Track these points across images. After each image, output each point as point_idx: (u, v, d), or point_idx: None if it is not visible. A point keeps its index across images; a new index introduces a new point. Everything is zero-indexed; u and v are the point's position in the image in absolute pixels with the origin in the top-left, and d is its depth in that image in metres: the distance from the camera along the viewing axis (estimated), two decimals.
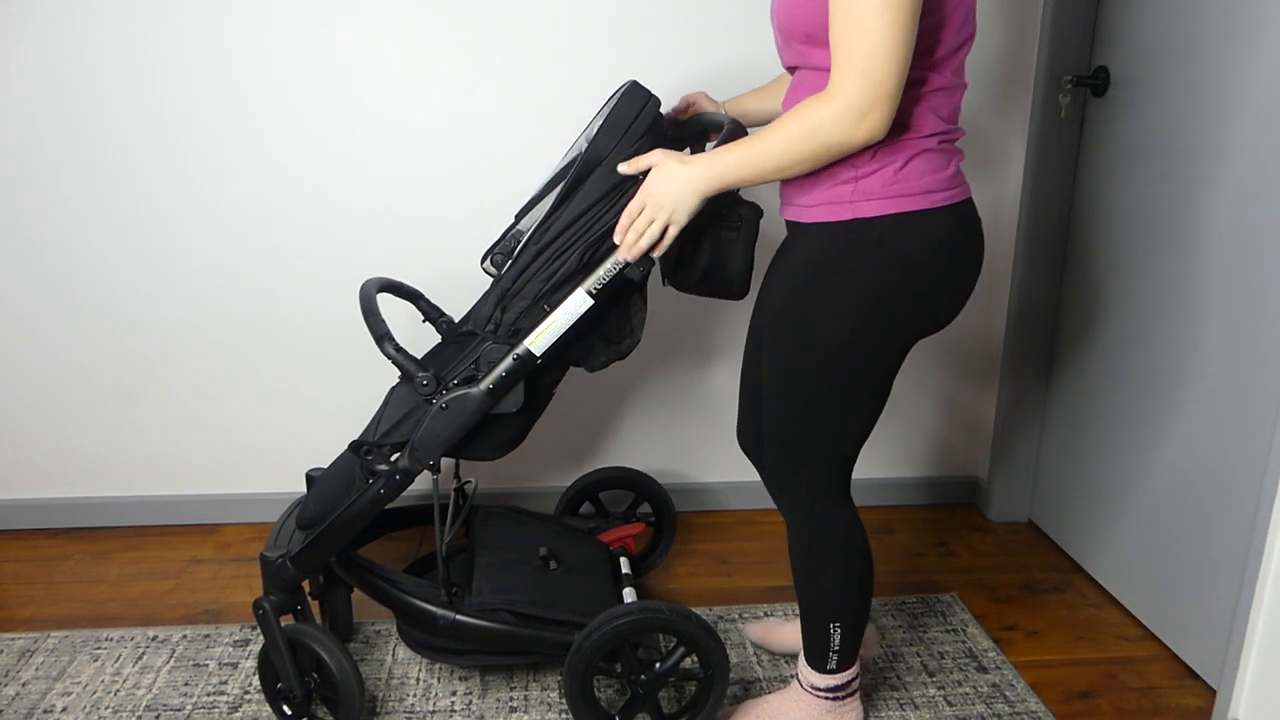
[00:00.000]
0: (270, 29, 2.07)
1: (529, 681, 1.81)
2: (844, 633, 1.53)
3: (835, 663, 1.56)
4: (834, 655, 1.55)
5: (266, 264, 2.22)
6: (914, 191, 1.30)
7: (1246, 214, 1.70)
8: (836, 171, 1.31)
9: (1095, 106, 2.13)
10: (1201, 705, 1.78)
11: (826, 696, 1.59)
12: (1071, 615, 2.06)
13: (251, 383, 2.31)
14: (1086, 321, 2.18)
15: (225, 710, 1.72)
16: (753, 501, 2.50)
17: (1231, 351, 1.74)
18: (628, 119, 1.45)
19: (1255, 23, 1.67)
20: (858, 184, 1.30)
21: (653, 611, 1.53)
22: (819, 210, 1.35)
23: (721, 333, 2.37)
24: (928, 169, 1.31)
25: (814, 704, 1.60)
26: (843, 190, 1.31)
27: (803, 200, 1.38)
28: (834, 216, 1.33)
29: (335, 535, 1.59)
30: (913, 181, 1.30)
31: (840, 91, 1.20)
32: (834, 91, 1.21)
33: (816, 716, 1.60)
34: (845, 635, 1.54)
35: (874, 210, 1.30)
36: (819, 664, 1.57)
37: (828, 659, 1.56)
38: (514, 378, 1.51)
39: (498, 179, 2.20)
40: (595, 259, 1.47)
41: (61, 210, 2.15)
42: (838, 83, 1.21)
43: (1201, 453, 1.82)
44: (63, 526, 2.37)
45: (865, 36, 1.17)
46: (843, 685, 1.59)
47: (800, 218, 1.39)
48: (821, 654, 1.56)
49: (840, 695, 1.60)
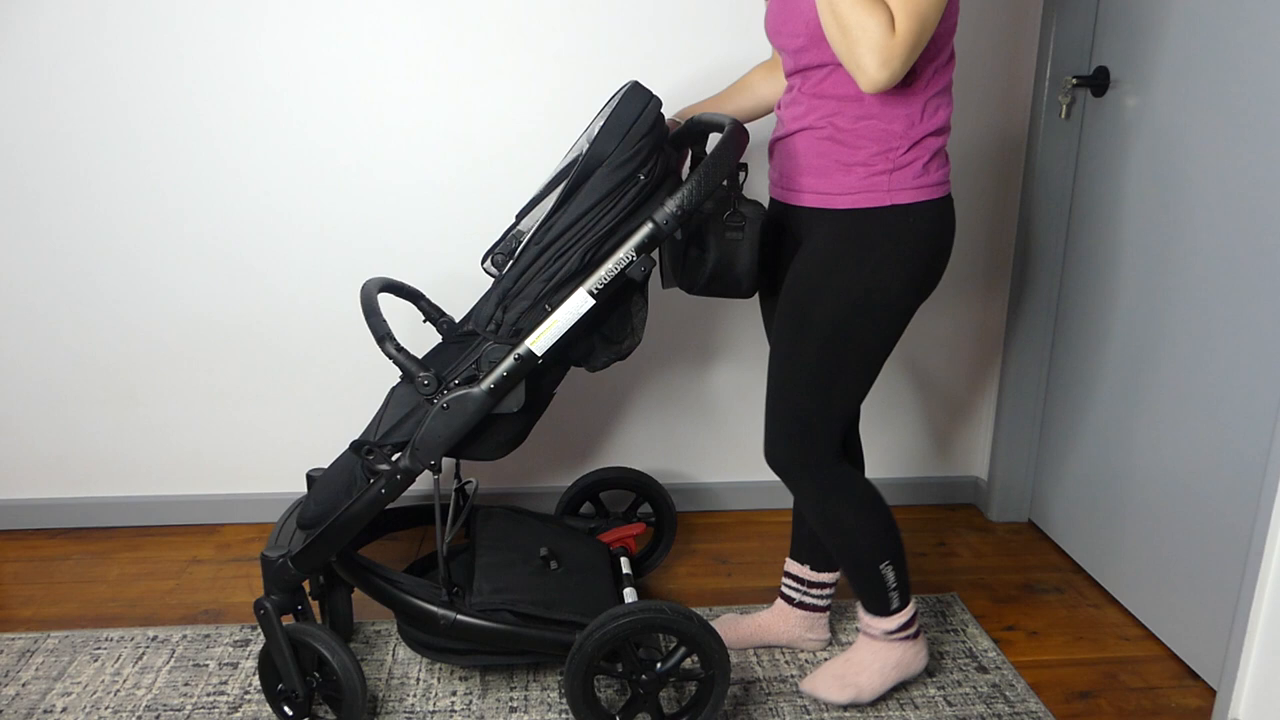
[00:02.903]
0: (272, 31, 2.07)
1: (529, 681, 1.81)
2: (895, 568, 1.66)
3: (897, 600, 1.69)
4: (894, 593, 1.68)
5: (267, 264, 2.22)
6: (934, 183, 1.51)
7: (1246, 214, 1.70)
8: (872, 163, 1.48)
9: (1095, 106, 2.13)
10: (1201, 705, 1.78)
11: (899, 637, 1.71)
12: (1071, 615, 2.06)
13: (252, 383, 2.31)
14: (1086, 322, 2.18)
15: (225, 710, 1.72)
16: (753, 502, 2.50)
17: (1231, 351, 1.74)
18: (629, 119, 1.45)
19: (1255, 22, 1.67)
20: (892, 175, 1.48)
21: (654, 611, 1.53)
22: (855, 198, 1.50)
23: (722, 333, 2.37)
24: (940, 164, 1.52)
25: (890, 648, 1.72)
26: (879, 180, 1.48)
27: (829, 188, 1.51)
28: (871, 203, 1.49)
29: (336, 535, 1.59)
30: (934, 174, 1.50)
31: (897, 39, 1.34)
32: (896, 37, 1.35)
33: (896, 659, 1.72)
34: (897, 569, 1.66)
35: (908, 198, 1.49)
36: (882, 608, 1.69)
37: (889, 599, 1.68)
38: (515, 378, 1.51)
39: (498, 179, 2.20)
40: (597, 259, 1.47)
41: (62, 210, 2.15)
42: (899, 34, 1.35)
43: (1201, 453, 1.82)
44: (63, 526, 2.37)
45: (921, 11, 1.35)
46: (909, 621, 1.72)
47: (829, 205, 1.52)
48: (881, 597, 1.68)
49: (909, 633, 1.72)
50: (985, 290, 2.40)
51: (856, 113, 1.47)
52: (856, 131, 1.47)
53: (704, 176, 1.44)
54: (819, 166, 1.52)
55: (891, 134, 1.47)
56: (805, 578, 1.86)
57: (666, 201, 1.45)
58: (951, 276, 2.38)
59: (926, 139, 1.48)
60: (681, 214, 1.45)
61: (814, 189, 1.53)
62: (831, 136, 1.49)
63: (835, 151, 1.50)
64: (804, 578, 1.86)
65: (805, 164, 1.54)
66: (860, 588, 1.68)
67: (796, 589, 1.88)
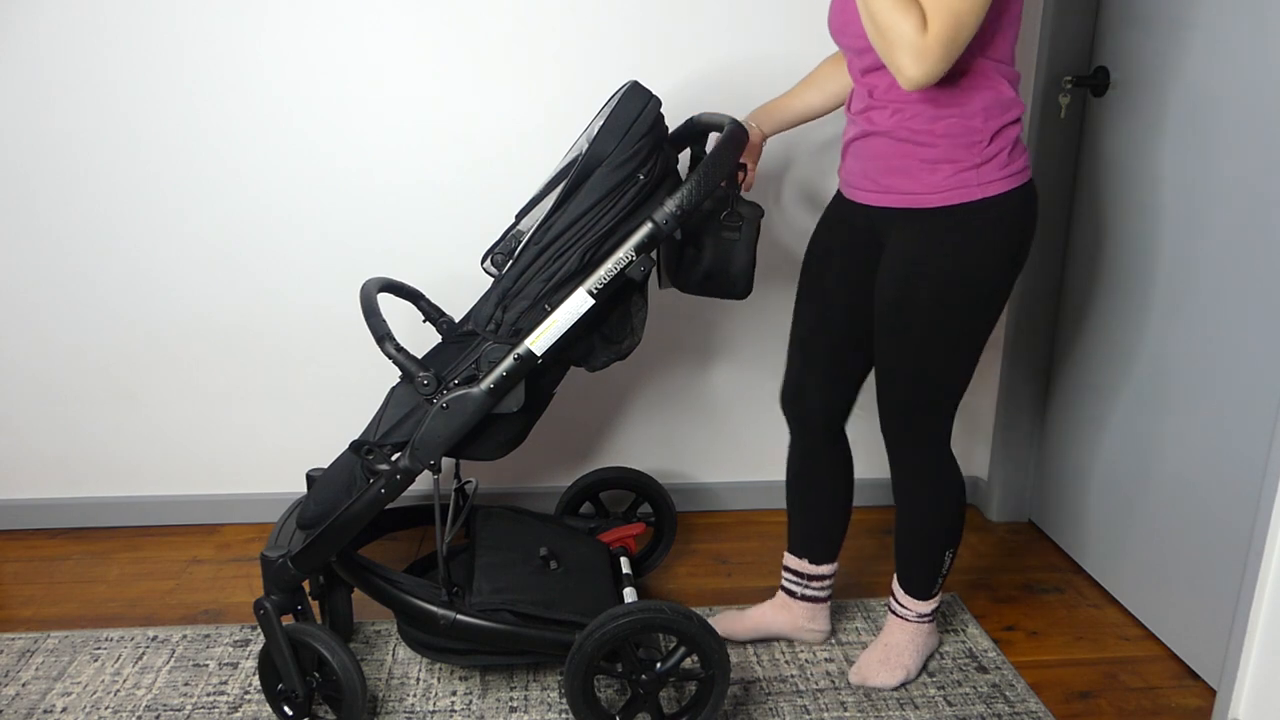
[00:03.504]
0: (272, 31, 2.07)
1: (529, 681, 1.81)
2: (953, 557, 1.75)
3: (939, 586, 1.78)
4: (941, 579, 1.77)
5: (267, 264, 2.22)
6: (1019, 170, 1.52)
7: (1246, 214, 1.70)
8: (957, 159, 1.48)
9: (1095, 106, 2.13)
10: (1201, 705, 1.78)
11: (928, 620, 1.82)
12: (1071, 615, 2.06)
13: (252, 383, 2.31)
14: (1086, 322, 2.18)
15: (225, 710, 1.72)
16: (752, 501, 2.50)
17: (1232, 351, 1.74)
18: (628, 119, 1.45)
19: (1255, 22, 1.67)
20: (980, 169, 1.49)
21: (654, 611, 1.53)
22: (945, 195, 1.50)
23: (722, 332, 2.37)
24: (1021, 150, 1.53)
25: (919, 630, 1.82)
26: (968, 176, 1.49)
27: (917, 188, 1.52)
28: (962, 199, 1.50)
29: (336, 535, 1.59)
30: (1017, 161, 1.52)
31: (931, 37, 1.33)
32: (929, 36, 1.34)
33: (921, 642, 1.83)
34: (952, 560, 1.76)
35: (997, 189, 1.50)
36: (925, 592, 1.78)
37: (934, 585, 1.77)
38: (515, 377, 1.51)
39: (498, 179, 2.20)
40: (596, 259, 1.47)
41: (62, 210, 2.15)
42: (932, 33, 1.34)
43: (1201, 453, 1.82)
44: (63, 526, 2.37)
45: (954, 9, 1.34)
46: (938, 608, 1.84)
47: (920, 204, 1.52)
48: (930, 581, 1.76)
49: (934, 617, 1.83)
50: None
51: (931, 113, 1.47)
52: (934, 131, 1.47)
53: (704, 176, 1.44)
54: (902, 167, 1.52)
55: (972, 129, 1.47)
56: (805, 571, 1.88)
57: (666, 201, 1.45)
58: None
59: (1006, 128, 1.49)
60: (681, 214, 1.45)
61: (900, 189, 1.53)
62: (910, 139, 1.49)
63: (917, 152, 1.49)
64: (804, 571, 1.88)
65: (886, 165, 1.53)
66: (913, 569, 1.76)
67: (798, 583, 1.89)
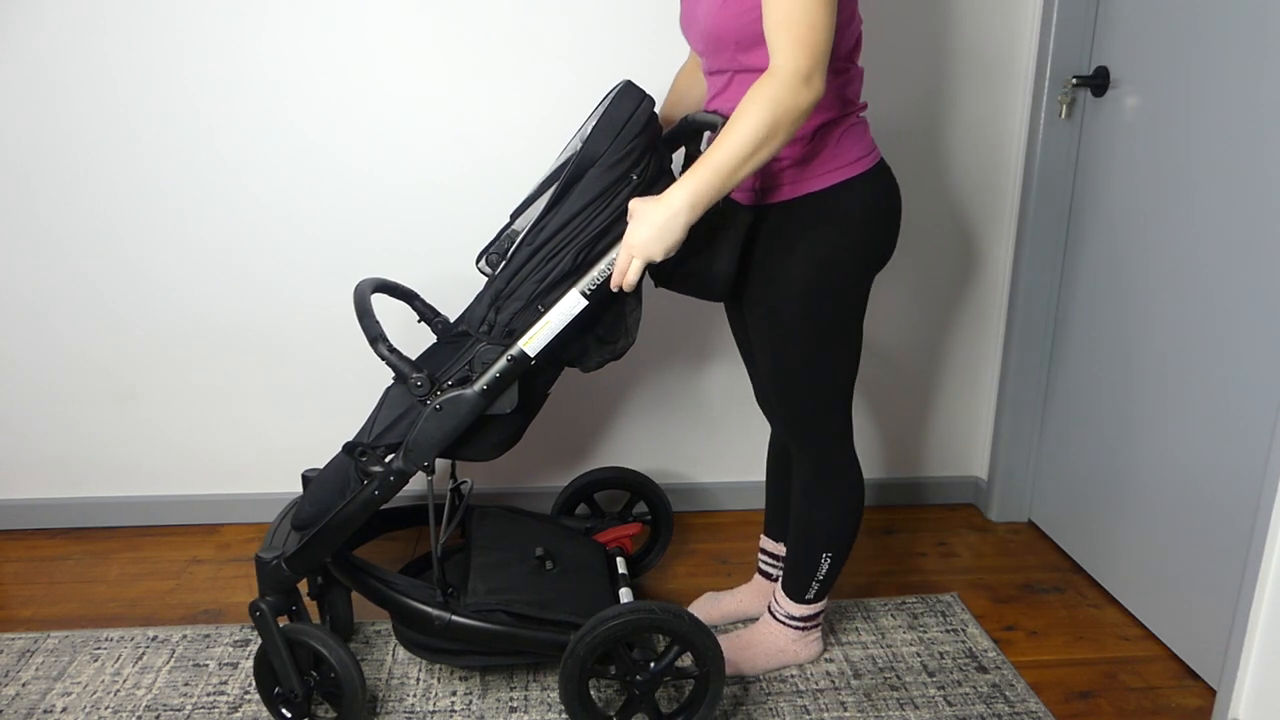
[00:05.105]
0: (272, 31, 2.07)
1: (529, 681, 1.81)
2: (833, 563, 1.70)
3: (815, 592, 1.73)
4: (816, 585, 1.72)
5: (266, 264, 2.23)
6: (848, 162, 1.50)
7: (1246, 214, 1.69)
8: (785, 156, 1.48)
9: (1095, 106, 2.12)
10: (1201, 705, 1.78)
11: (798, 625, 1.77)
12: (1071, 615, 2.05)
13: (251, 383, 2.31)
14: (1086, 321, 2.17)
15: (225, 710, 1.73)
16: (750, 501, 2.49)
17: (1232, 351, 1.73)
18: (621, 119, 1.45)
19: (1255, 21, 1.66)
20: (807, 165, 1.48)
21: (644, 612, 1.53)
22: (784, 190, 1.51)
23: (718, 333, 2.36)
24: (852, 143, 1.50)
25: (784, 633, 1.78)
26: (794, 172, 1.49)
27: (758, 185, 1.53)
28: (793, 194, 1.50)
29: (330, 536, 1.59)
30: (847, 154, 1.49)
31: (785, 63, 1.32)
32: (777, 66, 1.33)
33: (783, 645, 1.78)
34: (833, 566, 1.71)
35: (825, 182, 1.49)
36: (798, 594, 1.74)
37: (808, 588, 1.73)
38: (508, 378, 1.51)
39: (496, 179, 2.20)
40: (589, 260, 1.47)
41: (62, 210, 2.16)
42: (780, 56, 1.33)
43: (1201, 453, 1.81)
44: (63, 526, 2.38)
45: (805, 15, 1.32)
46: (814, 615, 1.78)
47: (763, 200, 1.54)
48: (804, 584, 1.72)
49: (809, 625, 1.78)
50: (985, 290, 2.39)
51: None
52: None
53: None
54: None
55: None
56: (780, 553, 1.92)
57: None
58: (951, 276, 2.37)
59: (829, 125, 1.48)
60: None
61: (747, 185, 1.56)
62: None
63: None
64: (779, 554, 1.92)
65: None
66: (791, 565, 1.73)
67: (774, 565, 1.93)
